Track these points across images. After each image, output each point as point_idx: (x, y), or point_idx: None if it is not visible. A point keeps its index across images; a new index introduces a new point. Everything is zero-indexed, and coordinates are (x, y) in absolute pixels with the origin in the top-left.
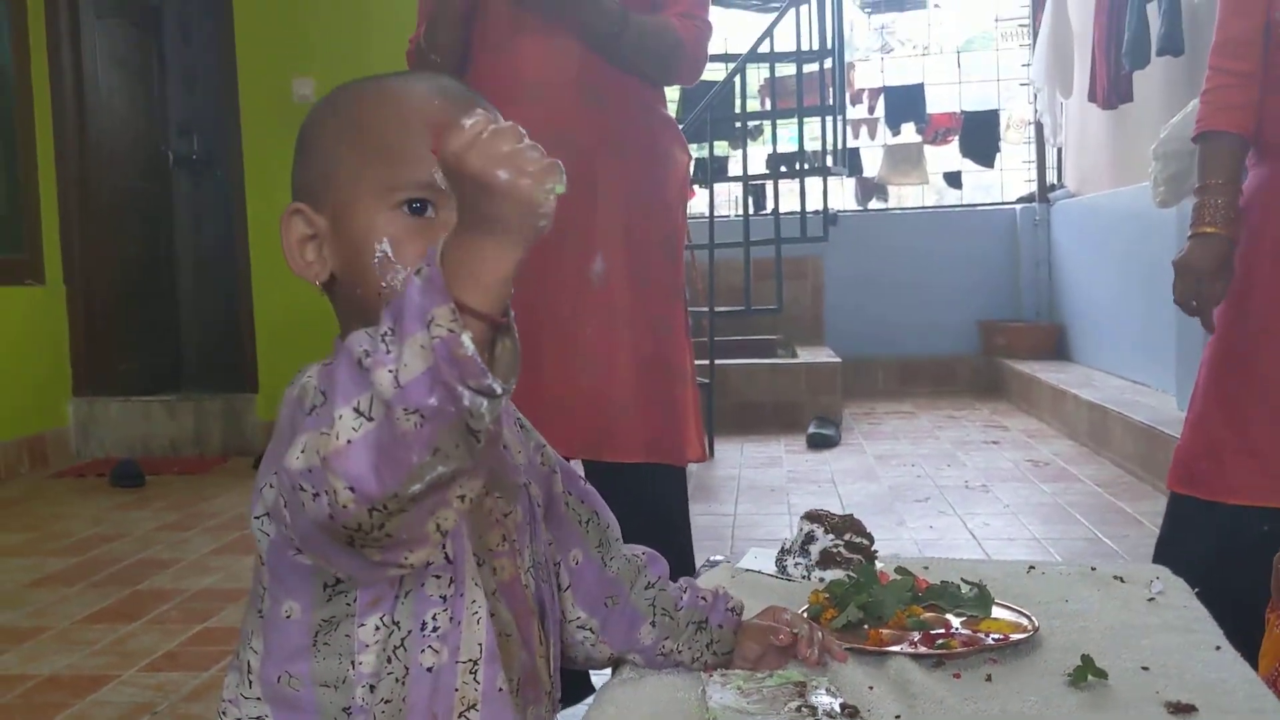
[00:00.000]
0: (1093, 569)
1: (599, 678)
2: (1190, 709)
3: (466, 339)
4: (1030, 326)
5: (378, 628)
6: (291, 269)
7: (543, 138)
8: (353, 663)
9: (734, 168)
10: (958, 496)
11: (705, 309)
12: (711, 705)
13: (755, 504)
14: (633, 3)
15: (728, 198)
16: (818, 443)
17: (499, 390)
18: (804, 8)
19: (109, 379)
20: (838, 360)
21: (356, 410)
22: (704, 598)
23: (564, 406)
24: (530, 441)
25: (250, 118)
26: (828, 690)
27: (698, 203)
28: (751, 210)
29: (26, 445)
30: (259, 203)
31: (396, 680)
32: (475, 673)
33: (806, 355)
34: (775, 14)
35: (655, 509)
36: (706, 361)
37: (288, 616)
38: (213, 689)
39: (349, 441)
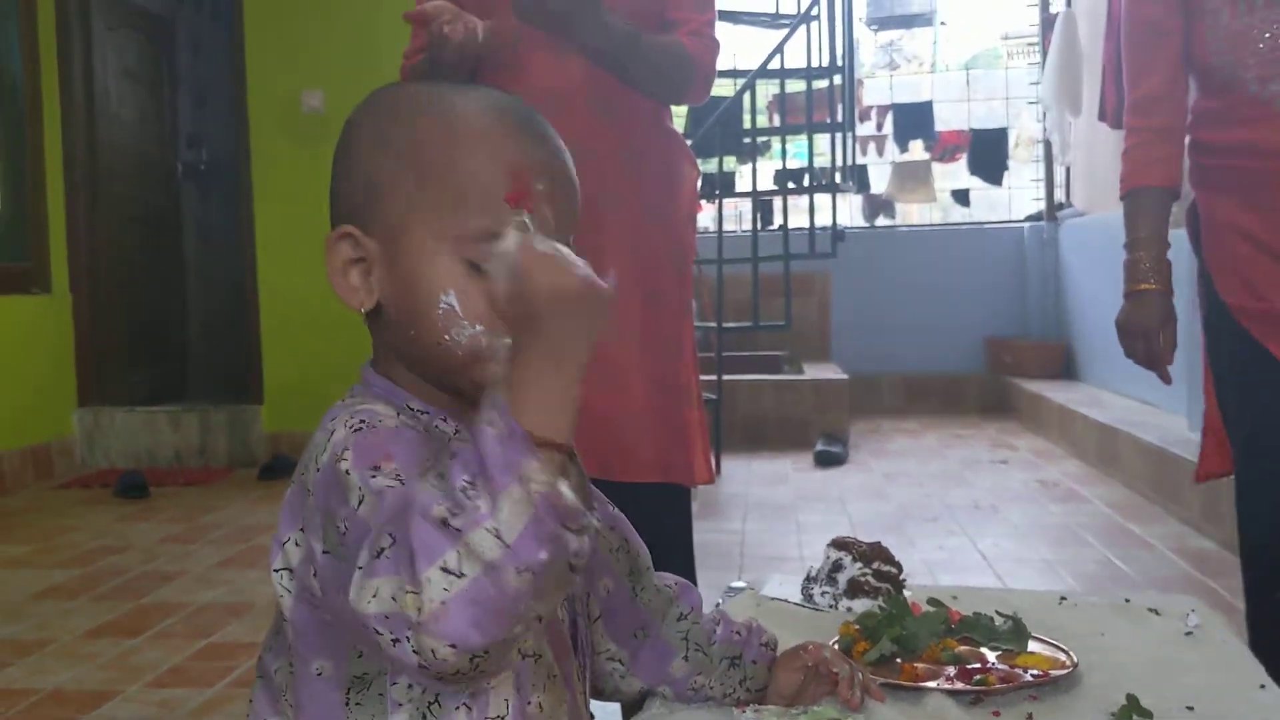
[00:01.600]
0: (1126, 600)
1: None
2: None
3: (565, 488)
4: (1037, 345)
5: (410, 685)
6: (336, 293)
7: None
8: None
9: (743, 184)
10: (967, 517)
11: (713, 324)
12: None
13: (763, 522)
14: (640, 21)
15: (735, 213)
16: (825, 460)
17: (595, 522)
18: (813, 25)
19: (114, 389)
20: (845, 377)
21: (445, 570)
22: (738, 632)
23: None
24: None
25: (259, 130)
26: None
27: (705, 218)
28: (760, 226)
29: (31, 455)
30: (266, 215)
31: None
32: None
33: (813, 372)
34: (785, 30)
35: (659, 529)
36: (714, 377)
37: (319, 674)
38: (219, 705)
39: (443, 603)
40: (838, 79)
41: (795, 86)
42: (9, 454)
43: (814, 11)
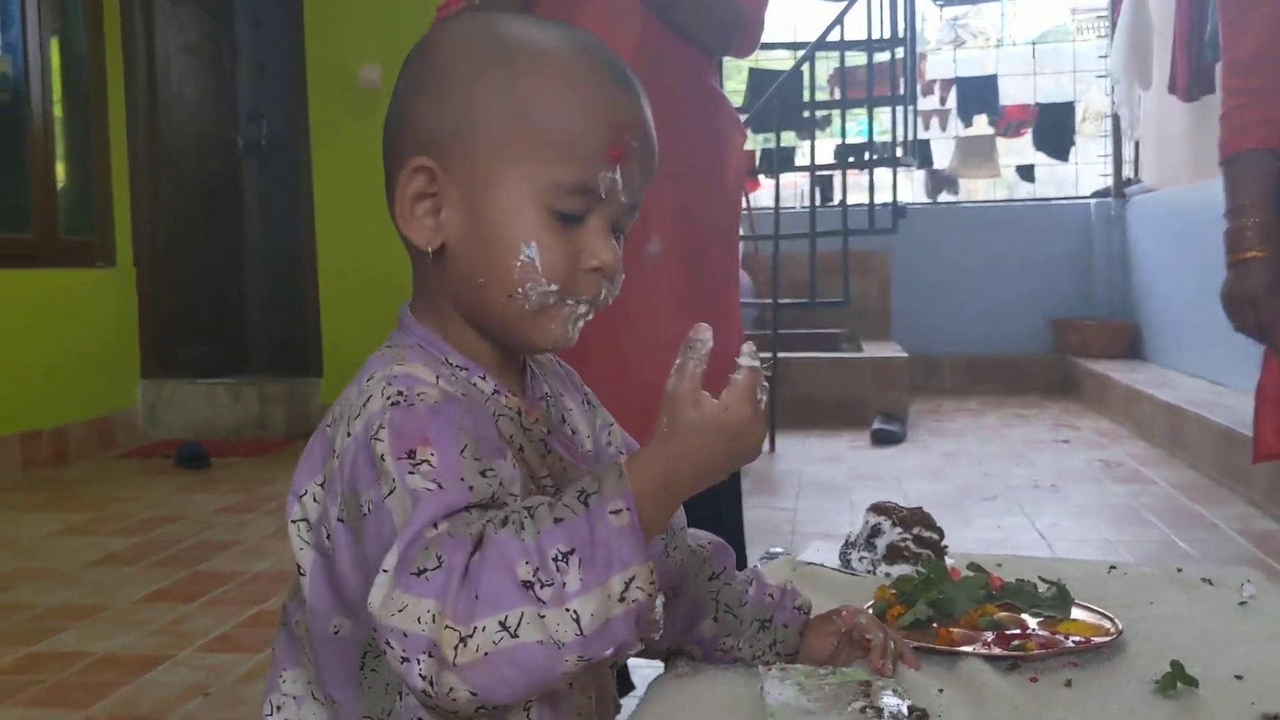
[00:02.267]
0: (1179, 570)
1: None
2: None
3: (659, 604)
4: (1104, 325)
5: None
6: (395, 223)
7: None
8: (400, 693)
9: (802, 160)
10: (1026, 496)
11: (769, 301)
12: (770, 703)
13: (816, 500)
14: None
15: (796, 192)
16: (882, 439)
17: (659, 636)
18: None
19: (176, 362)
20: (904, 356)
21: (503, 625)
22: (770, 594)
23: (615, 395)
24: (597, 420)
25: (318, 105)
26: (894, 692)
27: (763, 194)
28: (820, 203)
29: (95, 426)
30: (325, 189)
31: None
32: (529, 710)
33: (873, 350)
34: (846, 3)
35: (706, 505)
36: (769, 354)
37: (336, 632)
38: (265, 671)
39: (486, 655)
40: (899, 52)
41: (856, 60)
42: (74, 425)
43: None
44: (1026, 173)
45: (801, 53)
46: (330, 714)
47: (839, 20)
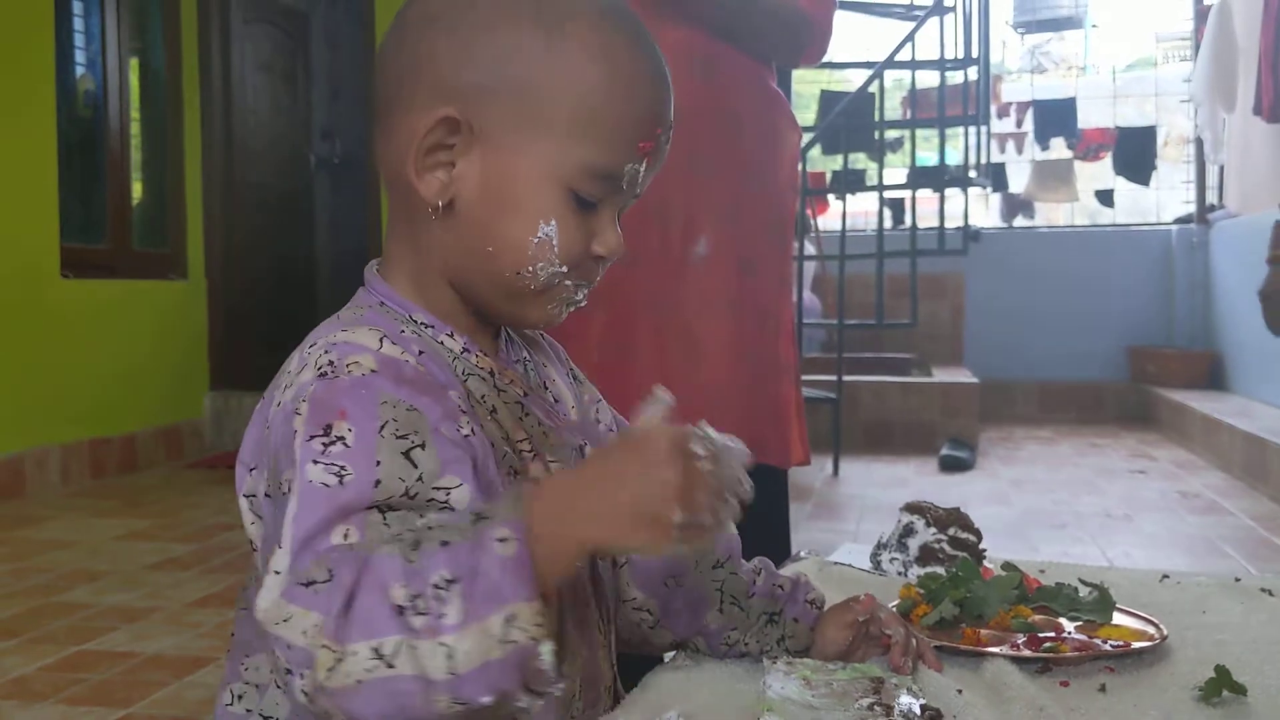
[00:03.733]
0: (1237, 580)
1: None
2: None
3: (546, 651)
4: (1184, 354)
5: None
6: (397, 169)
7: None
8: None
9: (872, 182)
10: (1097, 525)
11: (834, 322)
12: (769, 695)
13: (878, 523)
14: None
15: (867, 214)
16: (950, 465)
17: (558, 692)
18: (948, 17)
19: (245, 373)
20: (975, 381)
21: (377, 653)
22: (780, 586)
23: None
24: (584, 394)
25: None
26: (909, 690)
27: (835, 216)
28: (891, 227)
29: (163, 435)
30: None
31: None
32: None
33: (943, 375)
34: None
35: (752, 514)
36: (834, 377)
37: None
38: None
39: (359, 682)
40: (973, 73)
41: (929, 83)
42: (144, 433)
43: (948, 2)
44: (1106, 197)
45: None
46: (293, 702)
47: (910, 38)
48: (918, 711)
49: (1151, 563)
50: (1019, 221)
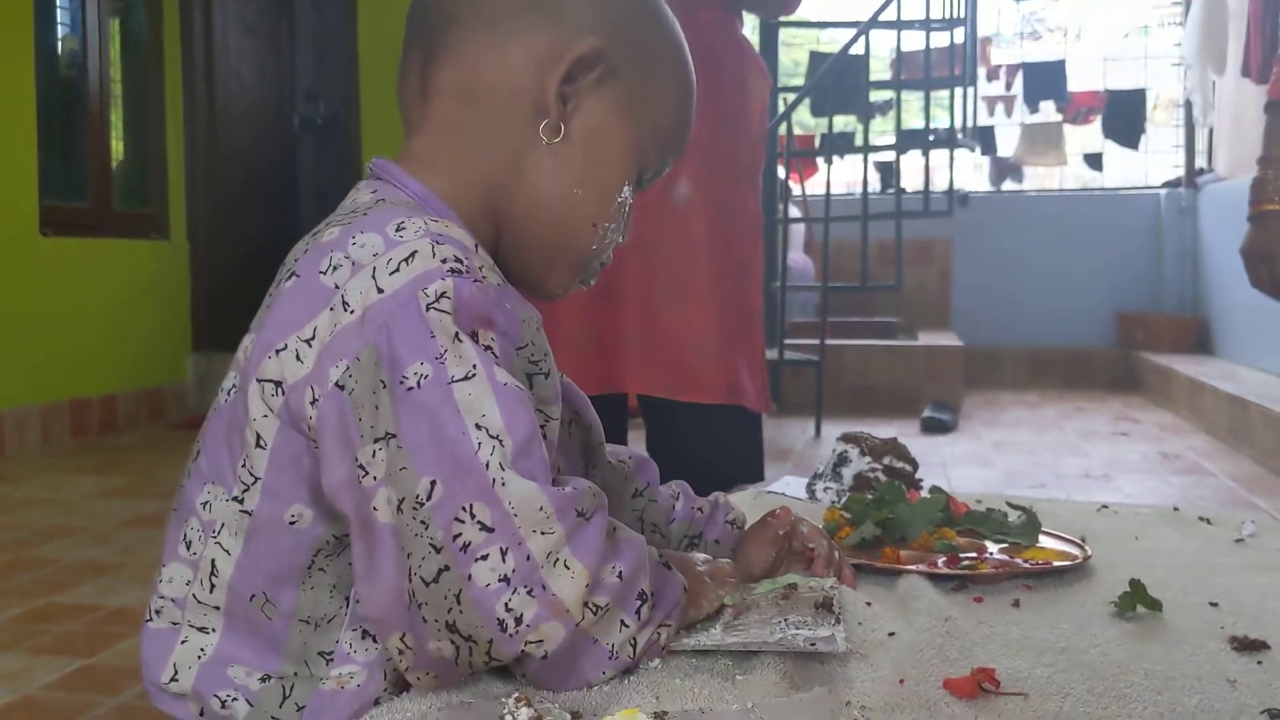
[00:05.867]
0: (1175, 509)
1: None
2: (1260, 645)
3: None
4: (1171, 319)
5: None
6: (524, 78)
7: None
8: (347, 598)
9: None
10: (1076, 486)
11: (818, 285)
12: None
13: None
14: None
15: (857, 177)
16: (932, 427)
17: None
18: None
19: (228, 336)
20: (959, 345)
21: (624, 626)
22: (699, 508)
23: (645, 340)
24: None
25: (369, 85)
26: (826, 588)
27: (819, 179)
28: (879, 189)
29: (145, 397)
30: None
31: None
32: None
33: (927, 339)
34: None
35: (729, 455)
36: (817, 340)
37: (292, 522)
38: None
39: (582, 627)
40: (959, 34)
41: (915, 45)
42: (124, 395)
43: None
44: (1094, 161)
45: (863, 37)
46: (231, 621)
47: None
48: (828, 586)
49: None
50: (1008, 185)
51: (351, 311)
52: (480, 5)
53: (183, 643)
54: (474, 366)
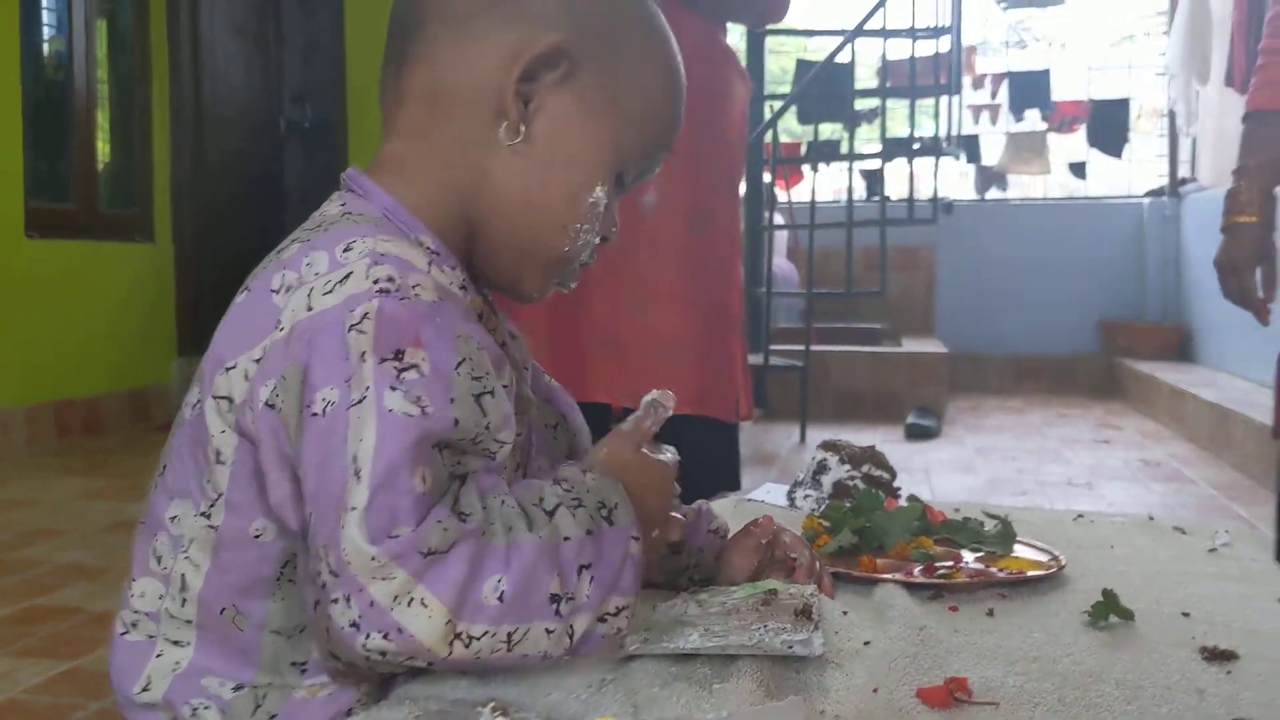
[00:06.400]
0: (1150, 518)
1: None
2: (1229, 655)
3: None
4: (1154, 327)
5: None
6: (486, 79)
7: None
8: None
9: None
10: (1058, 493)
11: (804, 292)
12: (654, 617)
13: None
14: None
15: (843, 185)
16: (916, 433)
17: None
18: None
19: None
20: (943, 351)
21: (509, 637)
22: (682, 516)
23: (612, 348)
24: (520, 350)
25: (356, 88)
26: (792, 593)
27: (804, 186)
28: (865, 196)
29: (129, 399)
30: None
31: None
32: None
33: (912, 346)
34: None
35: (704, 467)
36: (802, 346)
37: (256, 536)
38: None
39: (477, 656)
40: (945, 43)
41: (901, 54)
42: (108, 396)
43: None
44: (1079, 170)
45: (849, 45)
46: (204, 634)
47: (880, 5)
48: (808, 592)
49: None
50: (992, 193)
51: (281, 329)
52: (447, 6)
53: (158, 656)
54: (367, 389)
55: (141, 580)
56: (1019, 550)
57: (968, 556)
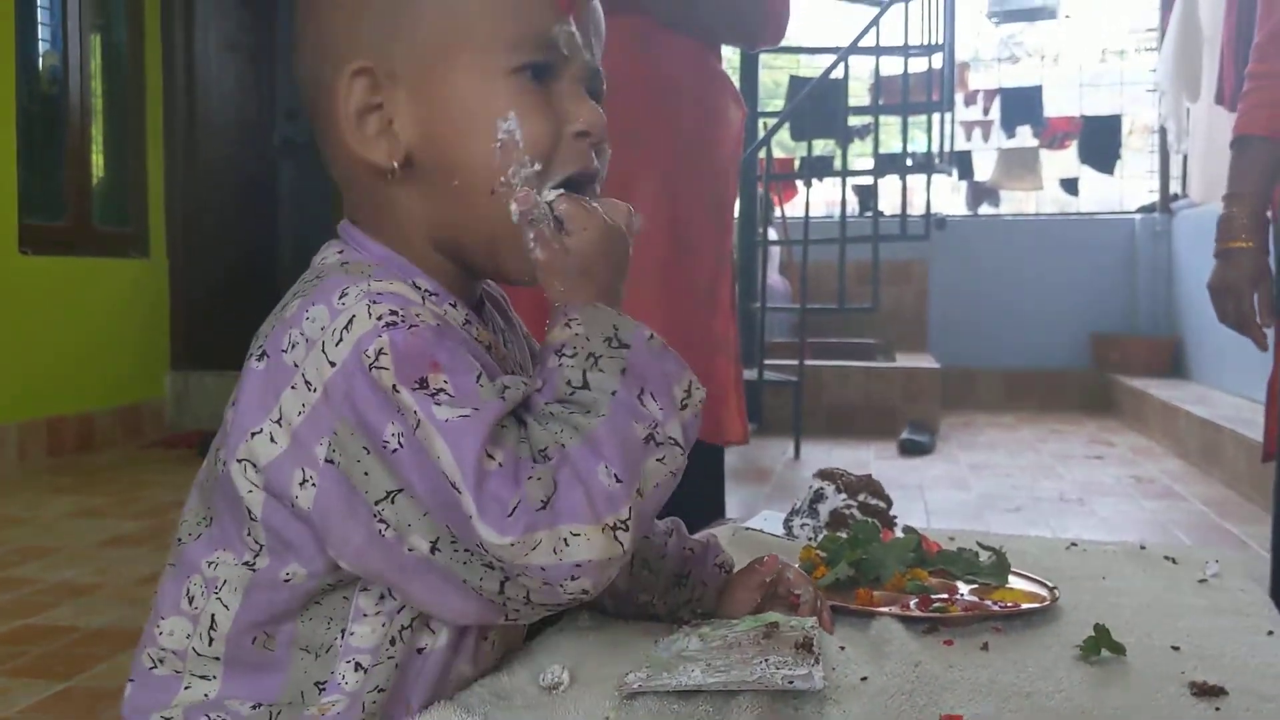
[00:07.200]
0: (1142, 547)
1: None
2: (1218, 691)
3: (703, 393)
4: (1146, 341)
5: (382, 596)
6: (344, 145)
7: None
8: (343, 631)
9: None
10: (1051, 509)
11: (797, 306)
12: (656, 651)
13: None
14: None
15: (837, 199)
16: (910, 449)
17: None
18: (914, 3)
19: (206, 353)
20: (936, 366)
21: (640, 493)
22: (690, 548)
23: None
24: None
25: None
26: (807, 627)
27: (797, 201)
28: (858, 213)
29: (123, 414)
30: None
31: (396, 665)
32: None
33: (905, 361)
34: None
35: (685, 491)
36: (796, 361)
37: (287, 580)
38: None
39: (640, 514)
40: (937, 60)
41: (894, 70)
42: (102, 412)
43: None
44: (1070, 186)
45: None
46: (231, 667)
47: (874, 23)
48: (808, 625)
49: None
50: (984, 209)
51: (314, 390)
52: (304, 99)
53: (185, 689)
54: (415, 413)
55: (171, 619)
56: (1013, 581)
57: (963, 588)
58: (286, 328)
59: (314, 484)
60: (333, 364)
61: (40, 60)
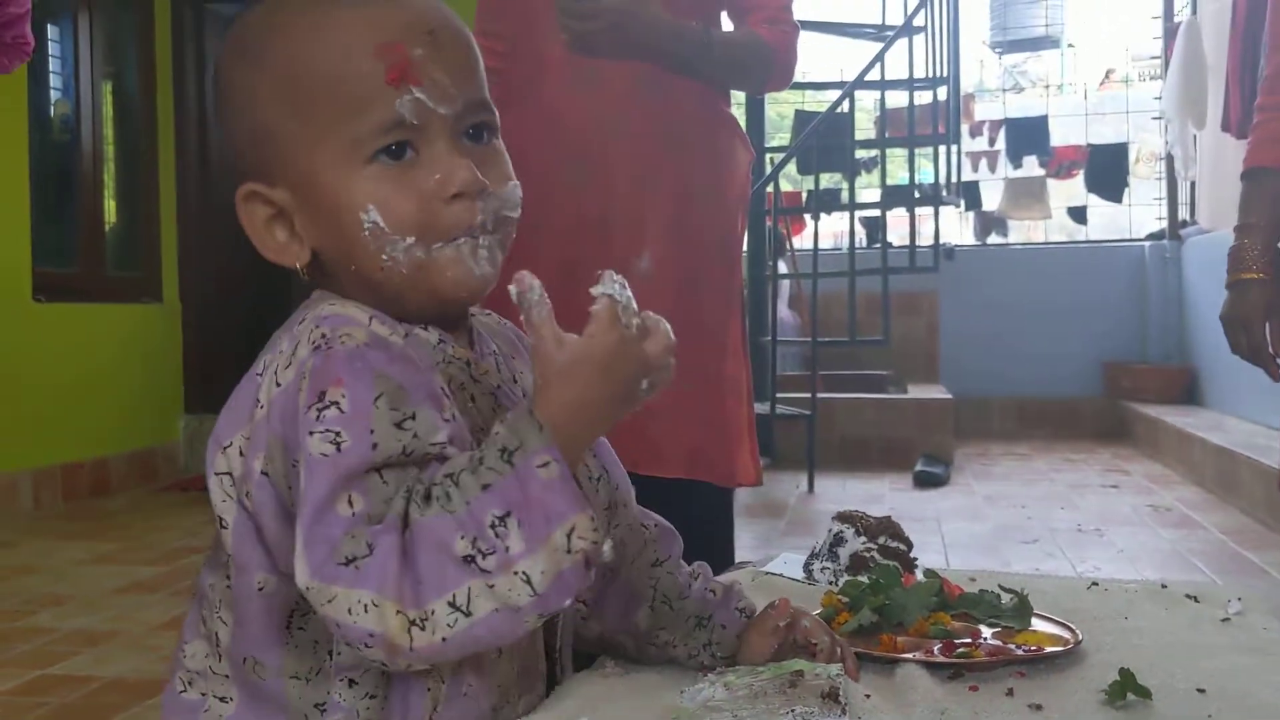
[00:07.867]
0: (1163, 586)
1: None
2: None
3: (608, 547)
4: (1158, 369)
5: None
6: (266, 256)
7: (594, 122)
8: (330, 652)
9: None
10: (1069, 540)
11: (808, 340)
12: (683, 703)
13: None
14: (712, 10)
15: (845, 231)
16: (925, 481)
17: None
18: (918, 37)
19: (220, 396)
20: (949, 397)
21: (453, 605)
22: (713, 590)
23: None
24: None
25: None
26: (832, 675)
27: (806, 234)
28: (866, 244)
29: (137, 459)
30: None
31: (383, 673)
32: (450, 676)
33: (918, 392)
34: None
35: (694, 533)
36: (808, 394)
37: (260, 589)
38: None
39: (444, 639)
40: (942, 92)
41: (900, 102)
42: (115, 457)
43: (917, 22)
44: (1079, 214)
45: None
46: (241, 688)
47: (879, 58)
48: (834, 673)
49: (1122, 576)
50: (993, 239)
51: (262, 407)
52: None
53: (205, 710)
54: (304, 439)
55: (193, 642)
56: (1036, 624)
57: (986, 632)
58: (263, 353)
59: (252, 495)
60: (278, 385)
61: (52, 109)
